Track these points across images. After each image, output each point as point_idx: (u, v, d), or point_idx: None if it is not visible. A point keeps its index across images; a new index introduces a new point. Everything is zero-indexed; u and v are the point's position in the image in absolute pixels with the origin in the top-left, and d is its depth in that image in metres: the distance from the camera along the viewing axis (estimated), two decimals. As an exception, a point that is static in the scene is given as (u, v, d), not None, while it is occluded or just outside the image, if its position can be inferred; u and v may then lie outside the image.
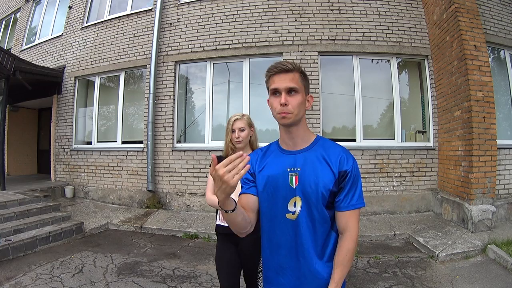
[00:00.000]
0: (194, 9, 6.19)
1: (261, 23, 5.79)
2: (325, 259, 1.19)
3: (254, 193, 1.27)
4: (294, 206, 1.19)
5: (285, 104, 1.14)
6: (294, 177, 1.19)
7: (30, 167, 9.25)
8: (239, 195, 1.31)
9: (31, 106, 8.97)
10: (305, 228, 1.18)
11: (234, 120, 2.08)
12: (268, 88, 1.22)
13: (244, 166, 0.93)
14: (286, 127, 1.21)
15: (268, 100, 1.25)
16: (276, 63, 1.19)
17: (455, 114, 4.77)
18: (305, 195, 1.17)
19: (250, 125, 2.11)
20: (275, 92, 1.18)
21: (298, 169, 1.19)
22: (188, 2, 6.26)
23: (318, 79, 5.51)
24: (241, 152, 0.94)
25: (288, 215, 1.19)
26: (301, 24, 5.67)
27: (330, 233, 1.20)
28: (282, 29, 5.71)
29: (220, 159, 2.14)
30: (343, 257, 1.16)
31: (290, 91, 1.16)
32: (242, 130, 2.05)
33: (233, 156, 0.94)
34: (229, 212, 1.05)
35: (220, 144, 5.65)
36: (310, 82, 1.29)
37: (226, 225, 2.00)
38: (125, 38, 6.70)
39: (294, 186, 1.19)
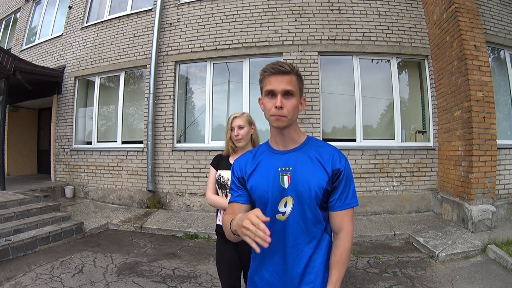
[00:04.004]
0: (194, 9, 6.19)
1: (261, 23, 5.79)
2: (317, 262, 1.15)
3: (241, 201, 1.25)
4: (285, 206, 1.16)
5: (281, 107, 1.12)
6: (285, 177, 1.17)
7: (30, 167, 9.25)
8: (229, 202, 1.30)
9: (31, 106, 8.96)
10: (296, 229, 1.15)
11: (233, 118, 2.06)
12: (262, 88, 1.19)
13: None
14: (279, 129, 1.19)
15: (259, 99, 1.23)
16: (273, 63, 1.15)
17: (455, 114, 4.77)
18: (297, 194, 1.15)
19: (250, 123, 2.07)
20: (270, 93, 1.15)
21: (290, 168, 1.18)
22: (188, 2, 6.26)
23: (318, 79, 5.49)
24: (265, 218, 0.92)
25: (278, 216, 1.17)
26: (301, 24, 5.66)
27: (323, 235, 1.18)
28: (282, 29, 5.71)
29: (220, 157, 2.15)
30: (340, 256, 1.14)
31: (286, 94, 1.13)
32: (241, 127, 2.02)
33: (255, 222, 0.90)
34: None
35: (220, 144, 5.66)
36: (310, 82, 1.29)
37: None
38: (125, 38, 6.70)
39: (286, 186, 1.17)
